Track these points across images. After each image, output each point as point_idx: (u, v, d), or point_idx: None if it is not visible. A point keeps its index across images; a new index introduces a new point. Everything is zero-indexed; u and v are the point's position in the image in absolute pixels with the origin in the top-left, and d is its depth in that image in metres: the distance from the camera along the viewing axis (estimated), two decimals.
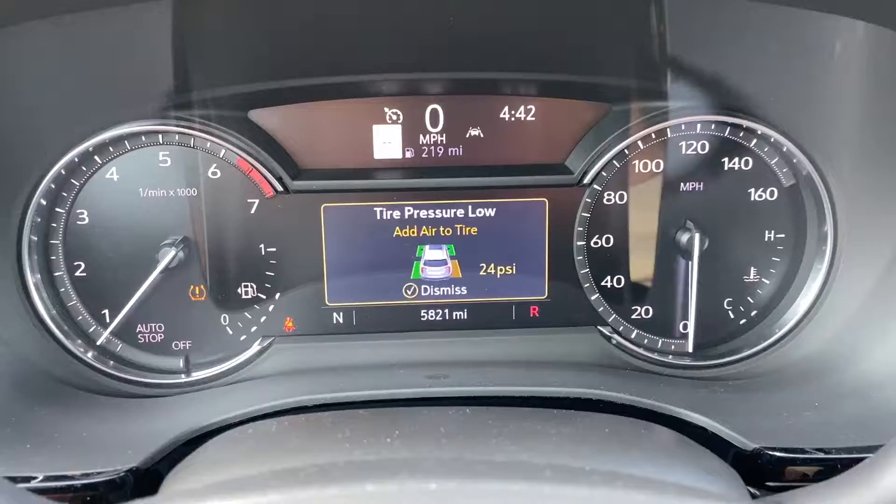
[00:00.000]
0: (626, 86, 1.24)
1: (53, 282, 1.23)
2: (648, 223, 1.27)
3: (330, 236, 1.25)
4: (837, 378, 1.15)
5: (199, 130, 1.19)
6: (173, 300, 1.25)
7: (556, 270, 1.28)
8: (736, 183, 1.26)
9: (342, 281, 1.27)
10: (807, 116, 1.22)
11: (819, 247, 1.26)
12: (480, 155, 1.27)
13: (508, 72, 1.23)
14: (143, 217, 1.22)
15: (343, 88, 1.22)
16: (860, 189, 1.22)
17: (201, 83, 1.19)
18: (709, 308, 1.29)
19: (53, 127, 1.16)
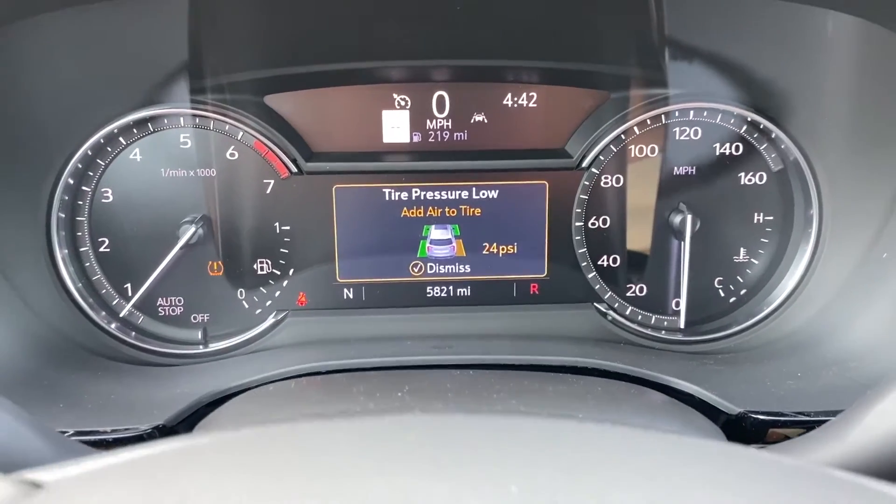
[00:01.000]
0: (623, 74, 1.28)
1: (79, 256, 1.27)
2: (643, 205, 1.31)
3: (341, 216, 1.29)
4: (820, 351, 1.19)
5: (218, 114, 1.24)
6: (192, 275, 1.29)
7: (555, 250, 1.32)
8: (727, 167, 1.30)
9: (352, 258, 1.31)
10: (795, 105, 1.26)
11: (805, 229, 1.31)
12: (484, 139, 1.31)
13: (511, 59, 1.26)
14: (164, 196, 1.26)
15: (354, 75, 1.26)
16: (844, 175, 1.26)
17: (220, 69, 1.23)
18: (700, 287, 1.33)
19: (80, 110, 1.20)
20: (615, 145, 1.28)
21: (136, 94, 1.22)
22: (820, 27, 1.17)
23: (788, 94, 1.26)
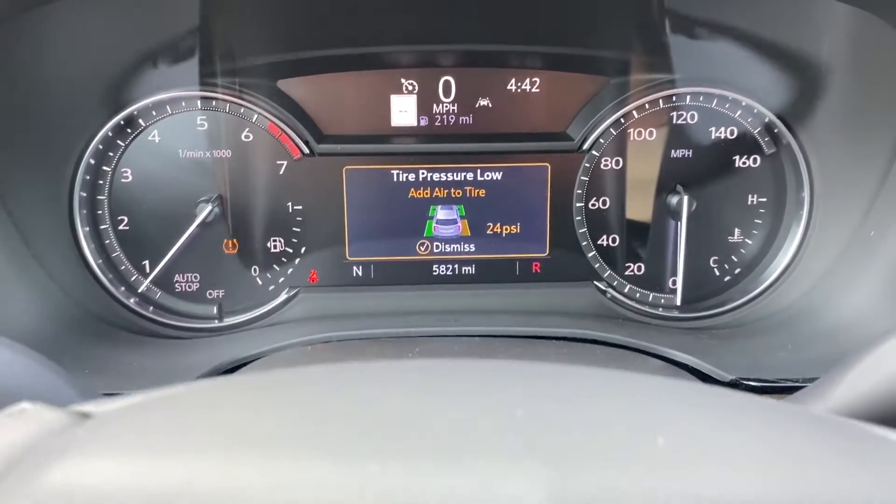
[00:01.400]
0: (622, 60, 1.32)
1: (100, 234, 1.31)
2: (641, 187, 1.35)
3: (351, 196, 1.33)
4: (811, 325, 1.24)
5: (234, 97, 1.28)
6: (208, 253, 1.33)
7: (557, 230, 1.36)
8: (722, 150, 1.34)
9: (361, 237, 1.35)
10: (787, 91, 1.30)
11: (797, 210, 1.35)
12: (489, 123, 1.34)
13: (515, 45, 1.30)
14: (181, 176, 1.30)
15: (364, 60, 1.30)
16: (834, 159, 1.30)
17: (236, 55, 1.27)
18: (696, 266, 1.37)
19: (102, 93, 1.25)
20: (615, 129, 1.32)
21: (156, 77, 1.25)
22: (809, 16, 1.21)
23: (782, 80, 1.30)
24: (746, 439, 0.43)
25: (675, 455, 0.39)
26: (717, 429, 0.44)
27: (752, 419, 0.46)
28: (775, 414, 0.48)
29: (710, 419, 0.45)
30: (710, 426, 0.44)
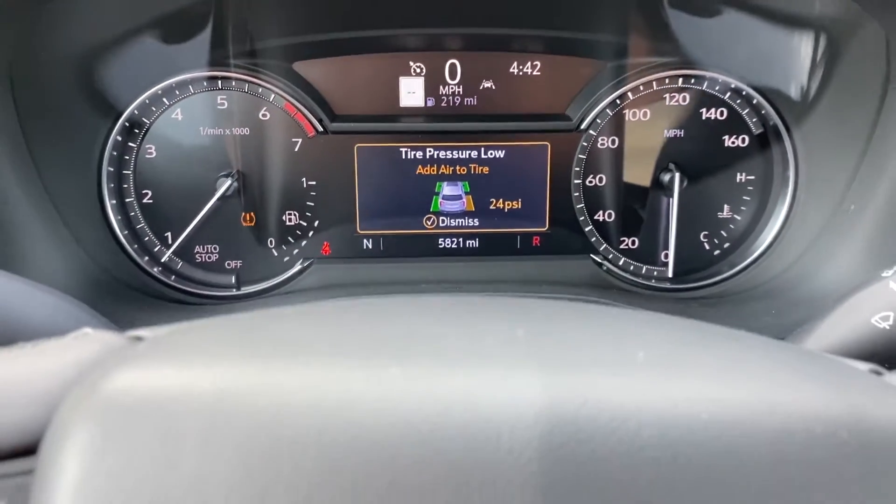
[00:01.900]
0: (618, 44, 1.38)
1: (125, 207, 1.37)
2: (636, 165, 1.41)
3: (361, 173, 1.39)
4: (794, 294, 1.30)
5: (252, 78, 1.33)
6: (227, 225, 1.39)
7: (556, 206, 1.42)
8: (712, 130, 1.39)
9: (371, 212, 1.41)
10: (774, 74, 1.36)
11: (782, 188, 1.40)
12: (492, 104, 1.40)
13: (517, 29, 1.36)
14: (202, 152, 1.36)
15: (374, 43, 1.36)
16: (817, 139, 1.36)
17: (254, 38, 1.33)
18: (687, 240, 1.43)
19: (129, 75, 1.31)
20: (611, 109, 1.38)
21: (179, 59, 1.31)
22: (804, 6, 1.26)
23: (769, 65, 1.35)
24: (713, 356, 0.49)
25: (652, 365, 0.45)
26: (690, 346, 0.50)
27: (723, 341, 0.52)
28: (745, 340, 0.54)
29: (685, 340, 0.51)
30: (683, 344, 0.50)
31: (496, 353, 0.45)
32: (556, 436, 0.38)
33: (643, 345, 0.48)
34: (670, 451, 0.39)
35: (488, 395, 0.40)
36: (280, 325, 0.52)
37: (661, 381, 0.43)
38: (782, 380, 0.46)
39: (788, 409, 0.42)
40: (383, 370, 0.42)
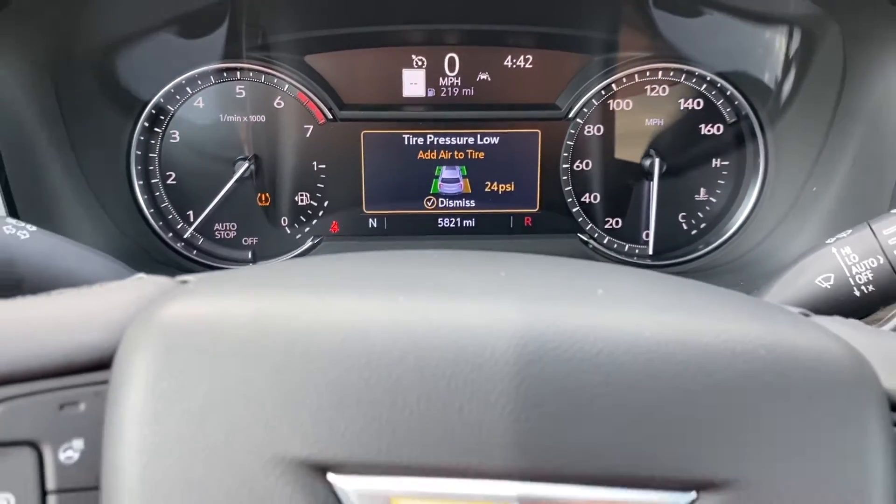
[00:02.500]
0: (604, 40, 1.46)
1: (151, 187, 1.46)
2: (619, 151, 1.50)
3: (367, 157, 1.47)
4: (763, 266, 1.38)
5: (268, 69, 1.42)
6: (244, 205, 1.48)
7: (546, 188, 1.51)
8: (689, 119, 1.48)
9: (376, 193, 1.50)
10: (747, 68, 1.45)
11: (754, 173, 1.49)
12: (488, 94, 1.49)
13: (511, 25, 1.44)
14: (221, 137, 1.45)
15: (379, 38, 1.45)
16: (785, 128, 1.45)
17: (270, 33, 1.42)
18: (666, 220, 1.52)
19: (155, 67, 1.40)
20: (596, 100, 1.46)
21: (201, 52, 1.40)
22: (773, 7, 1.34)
23: (743, 59, 1.44)
24: (662, 293, 0.57)
25: (609, 298, 0.54)
26: (643, 286, 0.59)
27: (673, 284, 0.61)
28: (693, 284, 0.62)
29: (639, 282, 0.60)
30: (637, 285, 0.59)
31: (484, 287, 0.53)
32: (529, 345, 0.47)
33: (603, 284, 0.57)
34: (619, 359, 0.47)
35: (477, 315, 0.49)
36: (307, 268, 0.60)
37: (615, 309, 0.52)
38: (716, 310, 0.54)
39: (717, 329, 0.50)
40: (393, 299, 0.51)
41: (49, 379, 0.50)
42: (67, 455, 0.49)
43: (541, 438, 0.45)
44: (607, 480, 0.45)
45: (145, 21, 1.34)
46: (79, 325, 0.52)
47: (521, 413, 0.45)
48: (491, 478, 0.44)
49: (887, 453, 0.50)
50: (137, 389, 0.48)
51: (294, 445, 0.45)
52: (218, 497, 0.45)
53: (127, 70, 1.38)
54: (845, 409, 0.50)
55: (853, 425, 0.50)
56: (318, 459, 0.45)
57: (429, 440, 0.45)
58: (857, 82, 1.28)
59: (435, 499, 0.44)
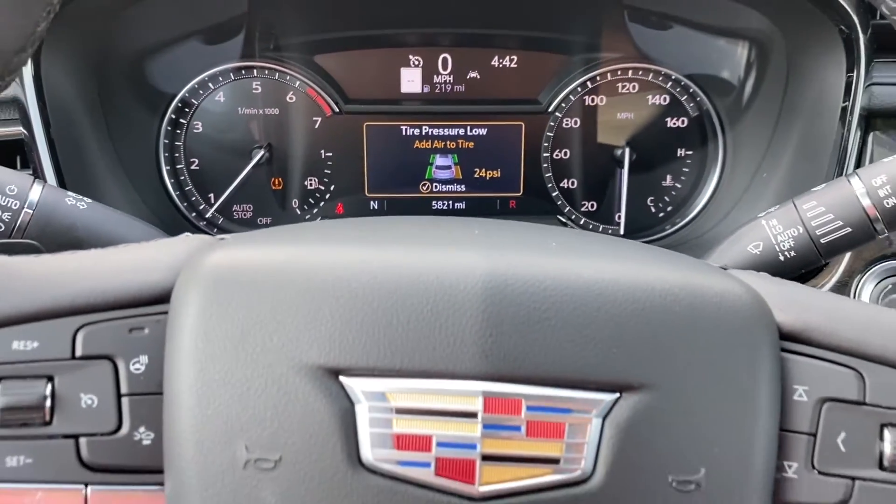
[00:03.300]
0: (584, 42, 1.57)
1: (177, 172, 1.57)
2: (594, 141, 1.61)
3: (369, 146, 1.58)
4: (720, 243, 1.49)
5: (281, 67, 1.53)
6: (259, 189, 1.59)
7: (529, 175, 1.61)
8: (657, 113, 1.59)
9: (377, 178, 1.60)
10: (707, 70, 1.56)
11: (714, 161, 1.60)
12: (477, 91, 1.58)
13: (499, 29, 1.55)
14: (240, 128, 1.55)
15: (380, 40, 1.55)
16: (740, 123, 1.56)
17: (283, 35, 1.53)
18: (636, 204, 1.62)
19: (181, 67, 1.51)
20: (574, 96, 1.57)
21: (223, 52, 1.51)
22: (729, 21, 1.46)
23: (704, 62, 1.56)
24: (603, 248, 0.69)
25: (560, 249, 0.66)
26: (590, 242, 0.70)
27: (613, 242, 0.72)
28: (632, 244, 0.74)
29: (588, 240, 0.71)
30: (585, 242, 0.70)
31: (461, 239, 0.65)
32: (493, 280, 0.58)
33: (558, 240, 0.68)
34: (563, 292, 0.58)
35: (454, 259, 0.60)
36: (321, 226, 0.72)
37: (563, 257, 0.63)
38: (646, 260, 0.66)
39: (643, 272, 0.62)
40: (389, 246, 0.62)
41: (121, 310, 0.62)
42: (136, 367, 0.60)
43: (500, 350, 0.56)
44: (551, 382, 0.56)
45: (172, 31, 1.46)
46: (143, 269, 0.63)
47: (485, 331, 0.56)
48: (462, 378, 0.56)
49: (774, 370, 0.61)
50: (191, 316, 0.59)
51: (314, 355, 0.56)
52: (254, 395, 0.56)
53: (156, 70, 1.50)
54: (743, 334, 0.61)
55: (748, 347, 0.60)
56: (333, 365, 0.56)
57: (415, 350, 0.56)
58: (798, 84, 1.40)
59: (420, 392, 0.56)
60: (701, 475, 0.56)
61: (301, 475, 0.54)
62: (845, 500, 0.59)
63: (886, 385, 0.61)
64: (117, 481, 0.59)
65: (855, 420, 0.60)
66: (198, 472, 0.55)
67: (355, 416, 0.55)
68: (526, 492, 0.54)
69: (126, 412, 0.59)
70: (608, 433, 0.55)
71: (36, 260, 0.63)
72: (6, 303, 0.58)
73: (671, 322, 0.59)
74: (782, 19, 1.38)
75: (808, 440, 0.60)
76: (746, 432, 0.58)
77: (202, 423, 0.56)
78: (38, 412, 0.57)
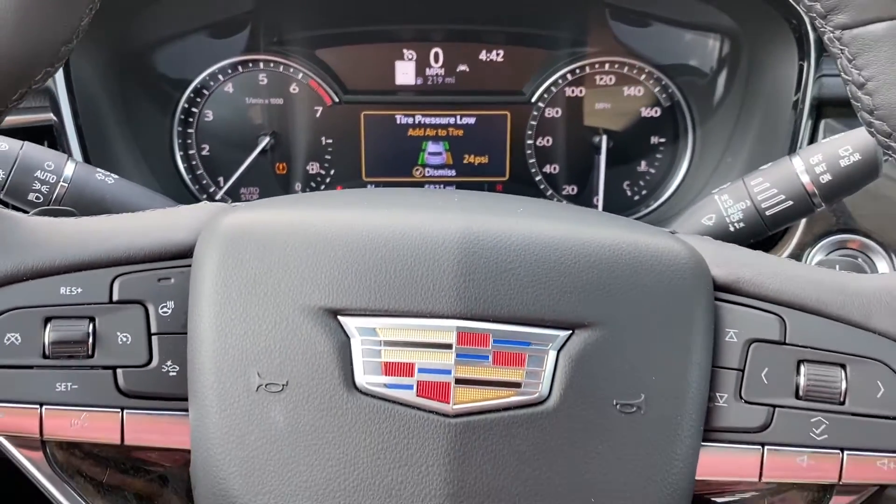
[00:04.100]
0: (565, 38, 1.65)
1: (189, 157, 1.65)
2: (574, 129, 1.68)
3: (366, 134, 1.66)
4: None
5: (286, 61, 1.61)
6: (265, 172, 1.66)
7: (514, 160, 1.69)
8: (632, 103, 1.67)
9: (373, 164, 1.68)
10: (679, 63, 1.64)
11: (684, 148, 1.68)
12: (466, 83, 1.66)
13: (487, 25, 1.63)
14: (247, 117, 1.63)
15: (377, 35, 1.63)
16: (708, 112, 1.64)
17: (287, 31, 1.62)
18: (613, 188, 1.69)
19: (193, 60, 1.60)
20: (555, 88, 1.65)
21: (229, 46, 1.60)
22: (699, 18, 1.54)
23: (677, 58, 1.64)
24: (562, 213, 0.77)
25: (525, 214, 0.74)
26: (550, 208, 0.79)
27: (572, 209, 0.81)
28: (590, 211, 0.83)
29: (549, 206, 0.80)
30: (547, 208, 0.79)
31: (440, 204, 0.74)
32: (467, 237, 0.66)
33: (525, 206, 0.77)
34: (526, 247, 0.67)
35: (435, 218, 0.68)
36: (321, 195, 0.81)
37: (528, 219, 0.71)
38: (601, 223, 0.74)
39: (597, 231, 0.70)
40: (379, 210, 0.71)
41: (151, 262, 0.70)
42: (164, 310, 0.68)
43: (472, 293, 0.65)
44: (514, 320, 0.65)
45: (184, 27, 1.54)
46: (169, 229, 0.71)
47: (460, 277, 0.65)
48: (440, 317, 0.64)
49: (708, 315, 0.69)
50: (211, 267, 0.67)
51: (316, 298, 0.65)
52: (265, 331, 0.65)
53: (170, 63, 1.59)
54: (681, 285, 0.69)
55: (686, 296, 0.68)
56: (332, 306, 0.65)
57: (401, 294, 0.65)
58: (758, 77, 1.49)
59: (404, 328, 0.64)
60: (641, 400, 0.65)
61: (304, 397, 0.63)
62: (766, 425, 0.68)
63: (803, 328, 0.69)
64: (148, 406, 0.67)
65: (776, 357, 0.69)
66: (217, 397, 0.64)
67: (350, 348, 0.63)
68: (492, 410, 0.63)
69: (155, 348, 0.67)
70: (562, 363, 0.64)
71: (77, 221, 0.71)
72: (54, 255, 0.67)
73: (619, 272, 0.67)
74: (743, 17, 1.47)
75: (736, 375, 0.68)
76: (682, 366, 0.66)
77: (220, 355, 0.64)
78: (82, 347, 0.65)
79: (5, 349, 0.63)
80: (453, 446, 0.61)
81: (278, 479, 0.61)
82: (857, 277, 0.70)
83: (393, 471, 0.60)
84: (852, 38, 0.63)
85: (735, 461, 0.67)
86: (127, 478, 0.71)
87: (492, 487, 0.60)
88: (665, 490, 0.64)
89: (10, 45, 0.61)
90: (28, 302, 0.64)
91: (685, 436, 0.65)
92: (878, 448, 0.65)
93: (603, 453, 0.63)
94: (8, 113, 0.65)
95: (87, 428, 0.65)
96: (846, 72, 0.64)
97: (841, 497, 0.68)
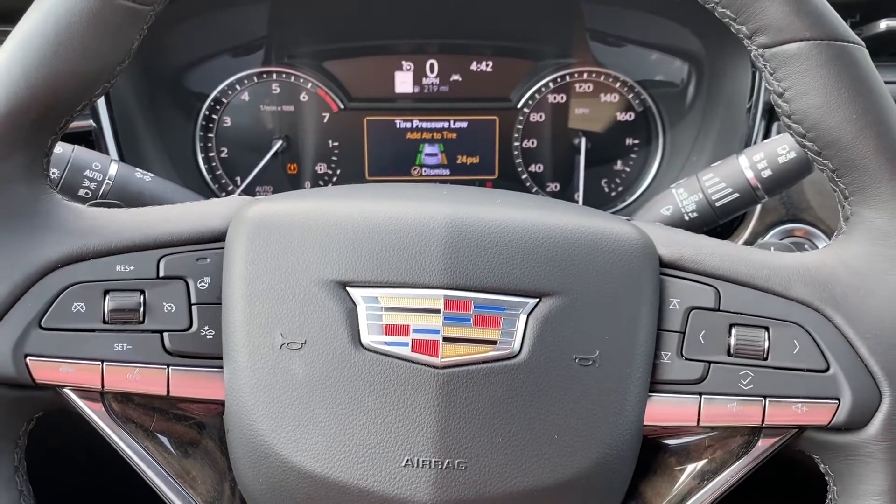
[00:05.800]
0: (547, 51, 1.74)
1: (209, 159, 1.74)
2: (557, 132, 1.77)
3: (369, 137, 1.75)
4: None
5: (296, 72, 1.70)
6: (277, 173, 1.75)
7: (503, 161, 1.77)
8: (608, 109, 1.75)
9: (376, 164, 1.76)
10: (651, 76, 1.74)
11: (656, 149, 1.78)
12: (459, 91, 1.73)
13: (477, 40, 1.72)
14: (261, 122, 1.72)
15: (379, 48, 1.71)
16: (676, 116, 1.74)
17: (297, 45, 1.70)
18: (592, 186, 1.77)
19: (213, 73, 1.68)
20: (539, 94, 1.75)
21: (247, 62, 1.69)
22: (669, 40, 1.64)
23: (649, 71, 1.73)
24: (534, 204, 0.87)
25: (503, 203, 0.84)
26: (523, 199, 0.89)
27: (545, 201, 0.91)
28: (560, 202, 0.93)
29: (524, 197, 0.90)
30: (521, 199, 0.89)
31: (431, 196, 0.83)
32: (452, 221, 0.75)
33: (503, 198, 0.87)
34: (501, 230, 0.76)
35: (425, 206, 0.77)
36: (332, 189, 0.91)
37: (504, 208, 0.81)
38: (565, 211, 0.84)
39: (559, 217, 0.80)
40: (381, 200, 0.81)
41: (190, 245, 0.79)
42: (202, 285, 0.76)
43: (457, 268, 0.74)
44: (492, 290, 0.75)
45: (205, 48, 1.64)
46: (205, 217, 0.80)
47: (446, 255, 0.74)
48: (430, 288, 0.74)
49: (655, 287, 0.77)
50: (241, 249, 0.75)
51: (328, 272, 0.74)
52: (287, 300, 0.74)
53: (193, 78, 1.69)
54: (632, 261, 0.77)
55: (636, 270, 0.76)
56: (342, 279, 0.74)
57: (399, 269, 0.74)
58: (718, 86, 1.59)
59: (401, 297, 0.73)
60: (597, 355, 0.74)
61: (320, 353, 0.72)
62: (703, 378, 0.76)
63: (734, 297, 0.76)
64: (189, 364, 0.76)
65: (711, 322, 0.76)
66: (247, 355, 0.73)
67: (357, 313, 0.72)
68: (473, 363, 0.72)
69: (195, 316, 0.75)
70: (531, 325, 0.73)
71: (127, 211, 0.80)
72: (111, 239, 0.76)
73: (580, 251, 0.76)
74: (705, 33, 1.57)
75: (678, 336, 0.76)
76: (632, 328, 0.74)
77: (249, 320, 0.73)
78: (135, 314, 0.74)
79: (72, 316, 0.71)
80: (441, 392, 0.70)
81: (298, 421, 0.71)
82: (781, 255, 0.79)
83: (392, 412, 0.70)
84: (772, 56, 0.72)
85: (677, 409, 0.73)
86: (170, 424, 0.81)
87: (472, 426, 0.70)
88: (617, 432, 0.73)
89: (78, 66, 0.71)
90: (90, 277, 0.71)
91: (634, 387, 0.72)
92: (793, 395, 0.74)
93: (565, 399, 0.72)
94: (72, 122, 0.74)
95: (139, 381, 0.72)
96: (769, 83, 0.74)
97: (767, 439, 0.76)
